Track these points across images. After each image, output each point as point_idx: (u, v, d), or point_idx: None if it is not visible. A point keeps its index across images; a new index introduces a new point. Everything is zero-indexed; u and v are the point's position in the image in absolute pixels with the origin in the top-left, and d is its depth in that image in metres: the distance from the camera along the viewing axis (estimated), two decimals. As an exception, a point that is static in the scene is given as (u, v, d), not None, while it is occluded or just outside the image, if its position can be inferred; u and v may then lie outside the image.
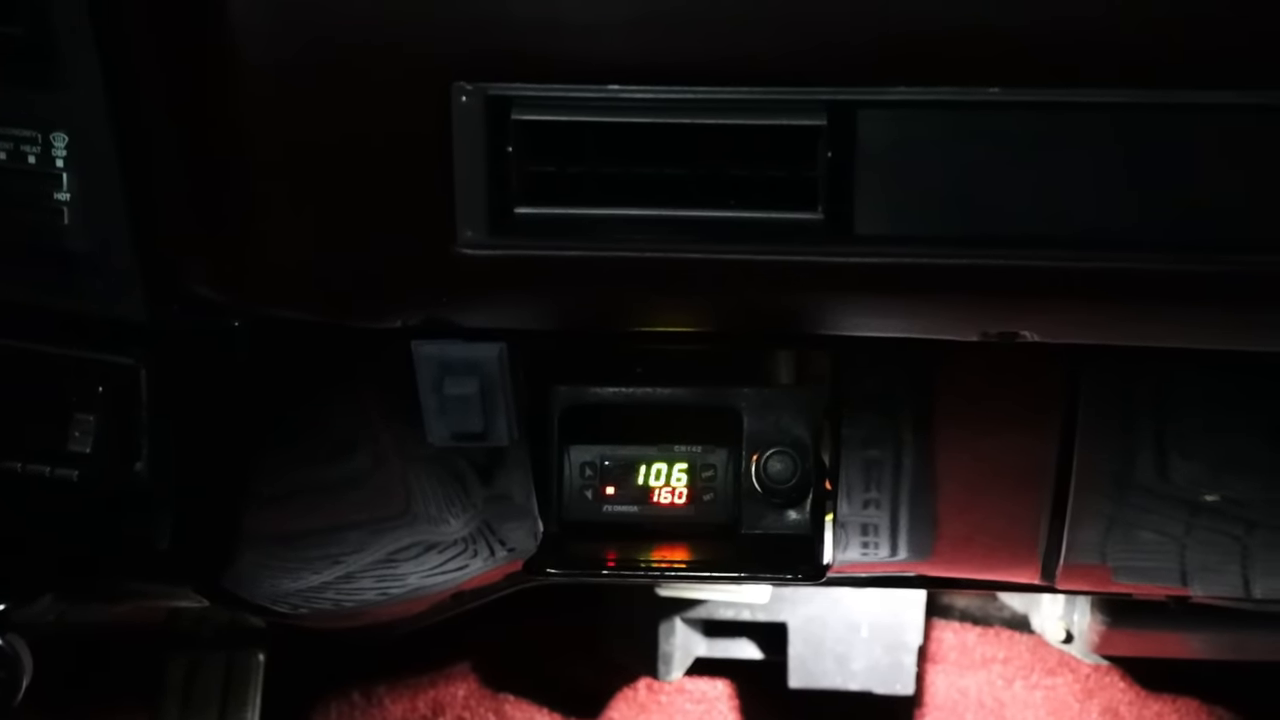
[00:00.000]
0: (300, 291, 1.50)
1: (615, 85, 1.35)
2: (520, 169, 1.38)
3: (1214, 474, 1.76)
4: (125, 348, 1.62)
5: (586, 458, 1.83)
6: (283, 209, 1.43)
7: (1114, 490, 1.76)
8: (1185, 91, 1.31)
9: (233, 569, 1.89)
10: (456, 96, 1.36)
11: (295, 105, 1.38)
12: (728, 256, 1.41)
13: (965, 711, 3.01)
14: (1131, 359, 1.64)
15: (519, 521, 1.85)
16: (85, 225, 1.50)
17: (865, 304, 1.49)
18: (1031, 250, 1.38)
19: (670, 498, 1.83)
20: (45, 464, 1.64)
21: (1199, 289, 1.40)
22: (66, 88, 1.46)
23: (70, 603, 2.03)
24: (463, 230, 1.40)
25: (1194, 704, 2.97)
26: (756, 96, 1.35)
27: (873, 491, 1.79)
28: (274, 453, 1.83)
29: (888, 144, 1.36)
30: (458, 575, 1.97)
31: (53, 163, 1.48)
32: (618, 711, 3.01)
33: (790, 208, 1.38)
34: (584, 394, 1.82)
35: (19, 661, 1.86)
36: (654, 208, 1.39)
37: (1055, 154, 1.34)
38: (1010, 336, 1.51)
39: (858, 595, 2.80)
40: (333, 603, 2.03)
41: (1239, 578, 1.83)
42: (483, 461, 1.83)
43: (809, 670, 2.82)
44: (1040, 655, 3.07)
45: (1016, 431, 1.75)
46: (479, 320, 1.58)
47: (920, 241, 1.39)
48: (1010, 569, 1.86)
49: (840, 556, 1.84)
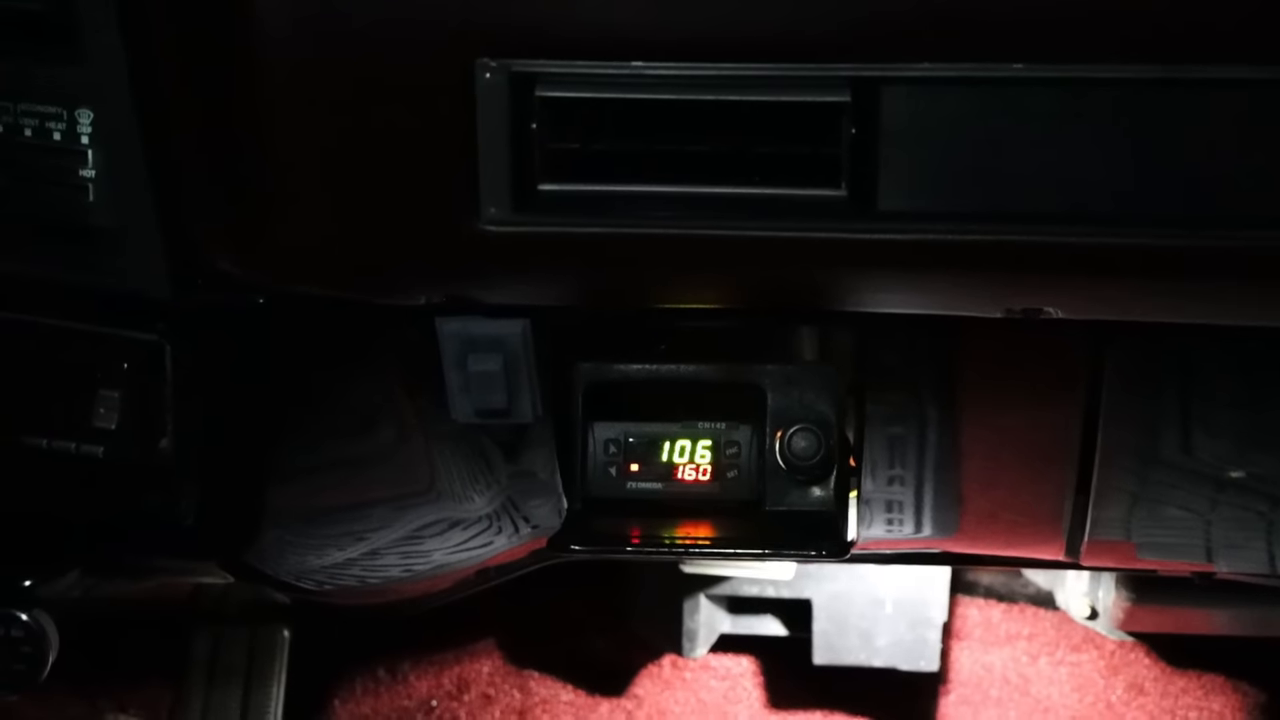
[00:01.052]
0: (323, 268, 1.50)
1: (639, 62, 1.35)
2: (543, 146, 1.38)
3: (1239, 450, 1.75)
4: (149, 324, 1.62)
5: (610, 434, 1.83)
6: (306, 186, 1.43)
7: (1138, 466, 1.76)
8: (1207, 66, 1.31)
9: (257, 545, 1.90)
10: (480, 73, 1.36)
11: (318, 82, 1.38)
12: (751, 233, 1.41)
13: (990, 688, 3.00)
14: (1155, 335, 1.64)
15: (543, 498, 1.85)
16: (110, 202, 1.50)
17: (888, 280, 1.49)
18: (1055, 226, 1.38)
19: (694, 474, 1.83)
20: (70, 440, 1.65)
21: (1223, 264, 1.39)
22: (90, 64, 1.46)
23: (95, 579, 2.03)
24: (486, 207, 1.40)
25: (1219, 680, 2.97)
26: (780, 73, 1.35)
27: (897, 468, 1.79)
28: (298, 429, 1.84)
29: (911, 120, 1.36)
30: (482, 552, 1.97)
31: (77, 139, 1.48)
32: (642, 688, 3.01)
33: (813, 184, 1.38)
34: (608, 370, 1.82)
35: (45, 637, 1.86)
36: (677, 184, 1.39)
37: (1078, 129, 1.34)
38: (1034, 313, 1.51)
39: (882, 572, 2.80)
40: (357, 579, 2.04)
41: (1264, 554, 1.83)
42: (507, 438, 1.83)
43: (833, 647, 2.82)
44: (1065, 631, 3.07)
45: (1040, 408, 1.75)
46: (502, 297, 1.58)
47: (943, 218, 1.38)
48: (1035, 545, 1.86)
49: (864, 533, 1.84)
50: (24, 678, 1.87)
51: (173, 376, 1.63)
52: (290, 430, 1.83)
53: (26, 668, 1.86)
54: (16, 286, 1.61)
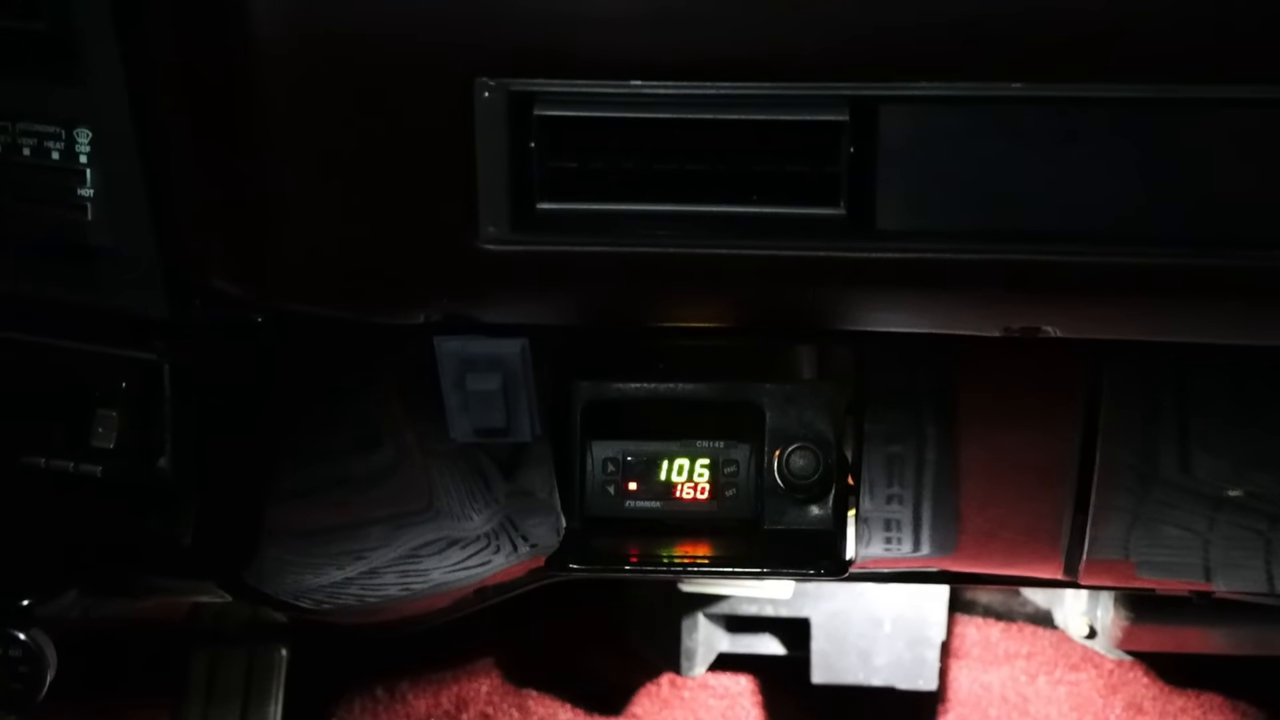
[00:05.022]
0: (321, 286, 1.50)
1: (638, 81, 1.35)
2: (542, 165, 1.39)
3: (1237, 469, 1.75)
4: (148, 343, 1.62)
5: (609, 453, 1.83)
6: (304, 205, 1.44)
7: (1137, 485, 1.76)
8: (1205, 86, 1.31)
9: (256, 564, 1.90)
10: (479, 92, 1.36)
11: (316, 101, 1.39)
12: (749, 252, 1.41)
13: (988, 707, 3.00)
14: (1154, 354, 1.64)
15: (541, 517, 1.85)
16: (108, 221, 1.50)
17: (887, 299, 1.49)
18: (1053, 245, 1.38)
19: (692, 493, 1.83)
20: (69, 459, 1.65)
21: (1221, 283, 1.39)
22: (88, 83, 1.46)
23: (94, 598, 2.03)
24: (485, 226, 1.41)
25: (1218, 699, 2.96)
26: (779, 92, 1.35)
27: (895, 487, 1.79)
28: (297, 448, 1.83)
29: (910, 139, 1.36)
30: (480, 571, 1.97)
31: (76, 158, 1.49)
32: (641, 707, 3.01)
33: (812, 203, 1.38)
34: (606, 389, 1.82)
35: (43, 657, 1.86)
36: (676, 203, 1.39)
37: (1076, 149, 1.34)
38: (1032, 332, 1.51)
39: (880, 590, 2.80)
40: (356, 598, 2.03)
41: (1262, 573, 1.83)
42: (505, 457, 1.83)
43: (832, 665, 2.82)
44: (1064, 651, 3.07)
45: (1039, 427, 1.74)
46: (501, 316, 1.58)
47: (942, 237, 1.39)
48: (1033, 564, 1.86)
49: (863, 552, 1.84)
50: (22, 698, 1.87)
51: (171, 396, 1.63)
52: (288, 449, 1.83)
53: (24, 688, 1.86)
54: (14, 305, 1.61)
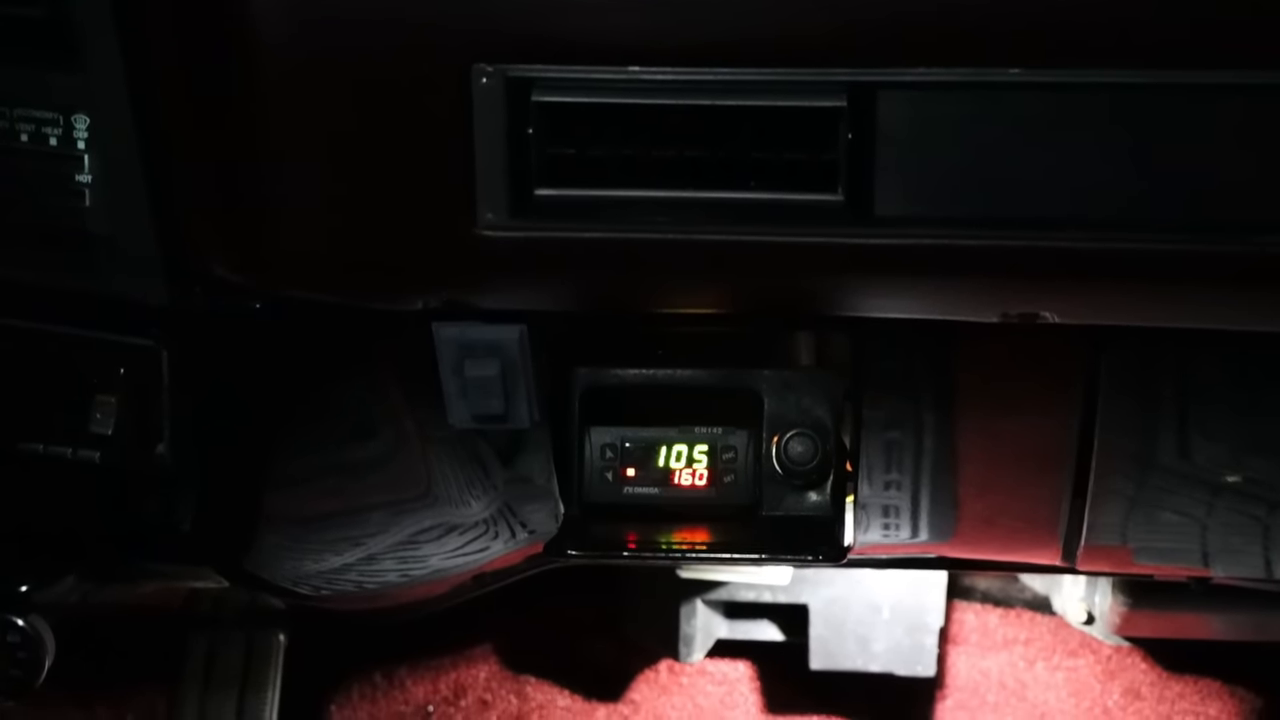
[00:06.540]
0: (319, 273, 1.50)
1: (636, 67, 1.35)
2: (540, 151, 1.38)
3: (1235, 455, 1.75)
4: (146, 329, 1.62)
5: (607, 439, 1.83)
6: (302, 191, 1.43)
7: (1135, 471, 1.76)
8: (1203, 71, 1.31)
9: (254, 551, 1.90)
10: (477, 78, 1.36)
11: (315, 87, 1.38)
12: (748, 238, 1.41)
13: (987, 693, 3.00)
14: (1152, 340, 1.64)
15: (540, 503, 1.85)
16: (106, 207, 1.50)
17: (885, 285, 1.49)
18: (1051, 231, 1.38)
19: (691, 479, 1.83)
20: (67, 446, 1.65)
21: (1219, 269, 1.39)
22: (87, 69, 1.46)
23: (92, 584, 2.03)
24: (483, 212, 1.41)
25: (1216, 685, 2.97)
26: (777, 78, 1.35)
27: (893, 473, 1.79)
28: (295, 434, 1.84)
29: (908, 125, 1.36)
30: (479, 557, 1.97)
31: (74, 145, 1.48)
32: (639, 693, 3.01)
33: (810, 189, 1.38)
34: (605, 376, 1.82)
35: (42, 642, 1.86)
36: (674, 190, 1.39)
37: (1074, 134, 1.34)
38: (1031, 318, 1.51)
39: (879, 577, 2.80)
40: (354, 584, 2.04)
41: (1260, 559, 1.83)
42: (503, 443, 1.83)
43: (830, 652, 2.82)
44: (1062, 636, 3.07)
45: (1037, 413, 1.74)
46: (499, 302, 1.58)
47: (940, 223, 1.39)
48: (1031, 550, 1.86)
49: (861, 538, 1.84)
50: (20, 683, 1.87)
51: (169, 382, 1.63)
52: (287, 435, 1.83)
53: (23, 673, 1.86)
54: (13, 292, 1.61)
